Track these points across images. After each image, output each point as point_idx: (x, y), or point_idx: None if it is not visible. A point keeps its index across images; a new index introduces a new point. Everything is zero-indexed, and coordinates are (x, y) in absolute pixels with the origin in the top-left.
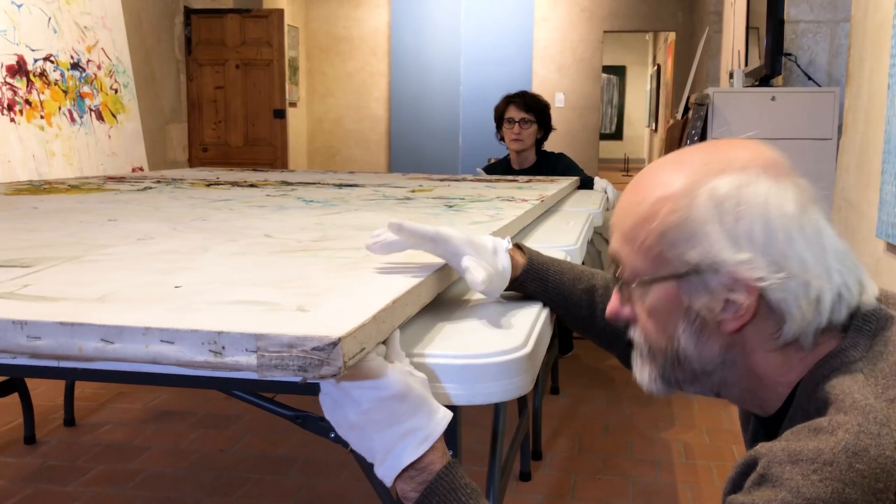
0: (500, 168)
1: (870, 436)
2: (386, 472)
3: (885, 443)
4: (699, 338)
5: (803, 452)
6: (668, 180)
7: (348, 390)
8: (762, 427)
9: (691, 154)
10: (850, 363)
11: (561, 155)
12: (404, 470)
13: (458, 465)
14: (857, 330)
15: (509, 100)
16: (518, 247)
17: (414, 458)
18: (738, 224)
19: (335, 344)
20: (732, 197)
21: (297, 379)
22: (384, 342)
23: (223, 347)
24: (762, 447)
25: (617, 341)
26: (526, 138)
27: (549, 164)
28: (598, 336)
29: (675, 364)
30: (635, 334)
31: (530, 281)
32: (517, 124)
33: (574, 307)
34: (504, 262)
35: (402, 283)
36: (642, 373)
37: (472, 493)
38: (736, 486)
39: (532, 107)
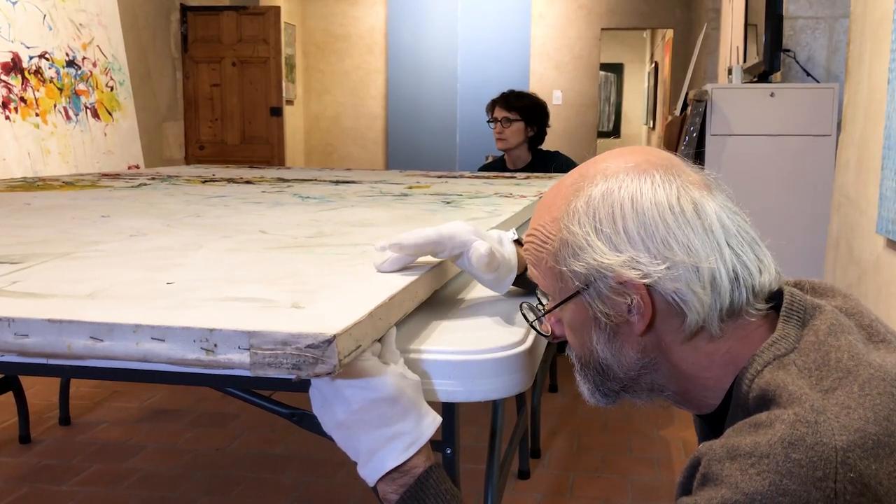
0: (496, 168)
1: (805, 424)
2: (369, 474)
3: (821, 430)
4: (612, 345)
5: (741, 448)
6: (552, 202)
7: (340, 388)
8: (707, 426)
9: (572, 174)
10: (782, 356)
11: (557, 153)
12: (387, 472)
13: (440, 470)
14: (785, 321)
15: (494, 101)
16: (520, 242)
17: (398, 462)
18: (613, 227)
19: (330, 341)
20: (602, 203)
21: (291, 377)
22: (380, 340)
23: (215, 345)
24: (703, 446)
25: None
26: (509, 137)
27: (545, 163)
28: None
29: (601, 375)
30: (570, 352)
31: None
32: (499, 123)
33: None
34: (510, 252)
35: (399, 280)
36: (583, 388)
37: (451, 499)
38: (685, 488)
39: (514, 105)
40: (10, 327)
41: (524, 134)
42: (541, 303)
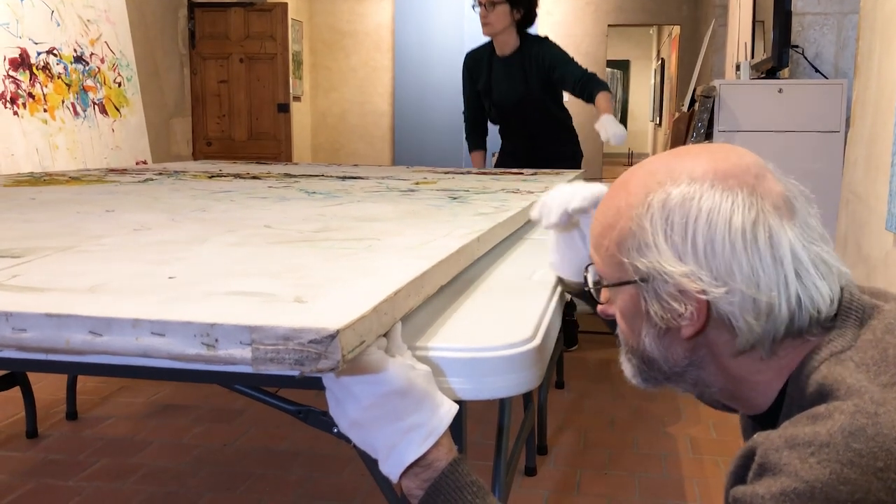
0: (485, 54)
1: (866, 415)
2: (390, 470)
3: (882, 422)
4: (661, 341)
5: (800, 437)
6: (631, 188)
7: (349, 386)
8: (758, 426)
9: (657, 161)
10: (839, 353)
11: (545, 39)
12: (409, 466)
13: (465, 462)
14: (843, 321)
15: None
16: None
17: (418, 454)
18: (684, 237)
19: (333, 336)
20: (681, 209)
21: (294, 373)
22: (385, 335)
23: (216, 340)
24: (759, 436)
25: None
26: (494, 21)
27: (533, 49)
28: None
29: (646, 364)
30: (617, 330)
31: None
32: (483, 7)
33: None
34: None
35: (405, 274)
36: (627, 369)
37: (478, 491)
38: (738, 478)
39: None
40: (7, 321)
41: (510, 17)
42: (594, 281)
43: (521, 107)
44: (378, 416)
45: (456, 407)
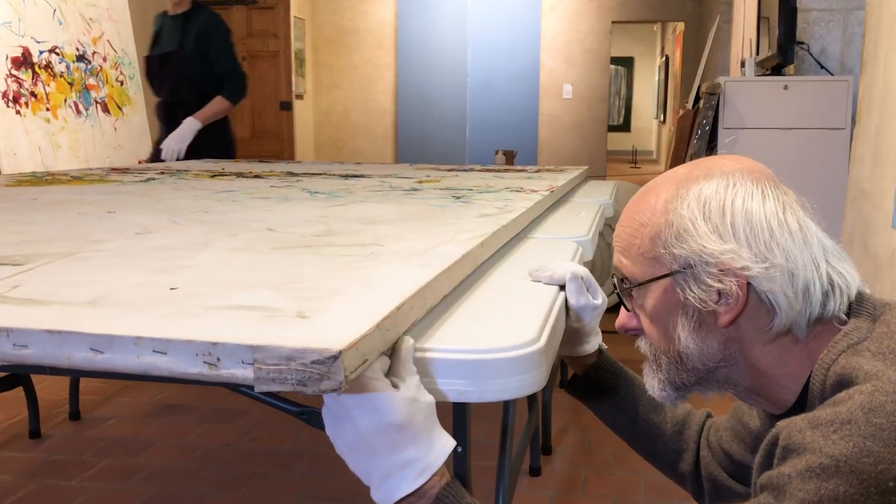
0: (162, 16)
1: (884, 394)
2: (382, 500)
3: None
4: (698, 334)
5: (822, 417)
6: (658, 191)
7: (349, 408)
8: None
9: (678, 168)
10: (855, 344)
11: (214, 16)
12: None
13: (457, 485)
14: (857, 315)
15: None
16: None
17: (411, 489)
18: (723, 219)
19: (336, 357)
20: (717, 196)
21: (297, 391)
22: (390, 355)
23: (218, 359)
24: (782, 423)
25: (677, 458)
26: None
27: (200, 16)
28: (662, 451)
29: (678, 365)
30: (643, 344)
31: (605, 368)
32: None
33: (643, 408)
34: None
35: (408, 286)
36: (652, 382)
37: None
38: (765, 468)
39: None
40: (8, 338)
41: None
42: (622, 285)
43: (167, 63)
44: (374, 446)
45: (452, 443)
